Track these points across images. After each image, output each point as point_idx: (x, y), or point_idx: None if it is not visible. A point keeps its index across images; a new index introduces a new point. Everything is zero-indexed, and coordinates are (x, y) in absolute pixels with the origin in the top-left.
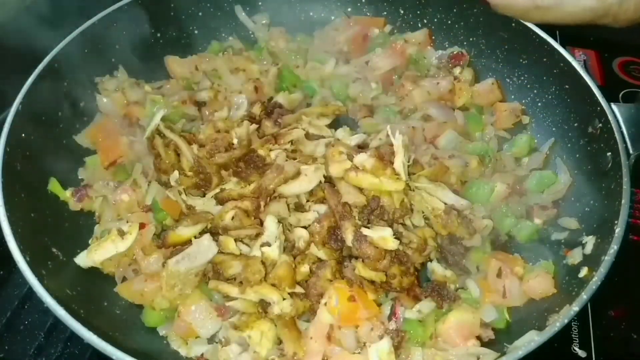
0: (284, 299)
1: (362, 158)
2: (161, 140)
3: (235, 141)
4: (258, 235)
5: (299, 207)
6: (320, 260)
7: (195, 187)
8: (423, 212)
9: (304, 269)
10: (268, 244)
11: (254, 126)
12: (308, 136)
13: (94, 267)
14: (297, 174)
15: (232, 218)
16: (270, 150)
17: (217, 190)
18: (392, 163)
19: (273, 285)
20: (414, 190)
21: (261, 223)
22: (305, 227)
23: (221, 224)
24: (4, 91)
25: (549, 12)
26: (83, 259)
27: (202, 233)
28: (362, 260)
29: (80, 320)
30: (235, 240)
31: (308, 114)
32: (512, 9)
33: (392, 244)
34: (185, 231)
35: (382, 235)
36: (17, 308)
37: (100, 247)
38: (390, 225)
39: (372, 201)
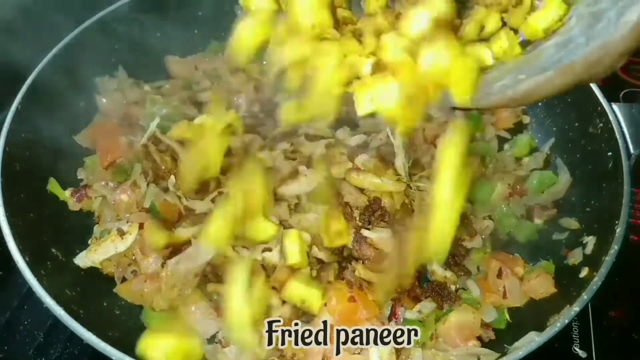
0: (283, 303)
1: (363, 158)
2: (154, 147)
3: None
4: None
5: (299, 208)
6: (321, 262)
7: (193, 191)
8: None
9: (305, 271)
10: (269, 249)
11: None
12: (308, 137)
13: (93, 267)
14: (295, 174)
15: None
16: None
17: (215, 193)
18: (393, 163)
19: (273, 288)
20: (414, 191)
21: None
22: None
23: None
24: (4, 91)
25: (529, 98)
26: (83, 259)
27: None
28: (363, 262)
29: (80, 321)
30: None
31: None
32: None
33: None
34: (184, 232)
35: (382, 237)
36: (17, 308)
37: (100, 247)
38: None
39: (373, 202)
